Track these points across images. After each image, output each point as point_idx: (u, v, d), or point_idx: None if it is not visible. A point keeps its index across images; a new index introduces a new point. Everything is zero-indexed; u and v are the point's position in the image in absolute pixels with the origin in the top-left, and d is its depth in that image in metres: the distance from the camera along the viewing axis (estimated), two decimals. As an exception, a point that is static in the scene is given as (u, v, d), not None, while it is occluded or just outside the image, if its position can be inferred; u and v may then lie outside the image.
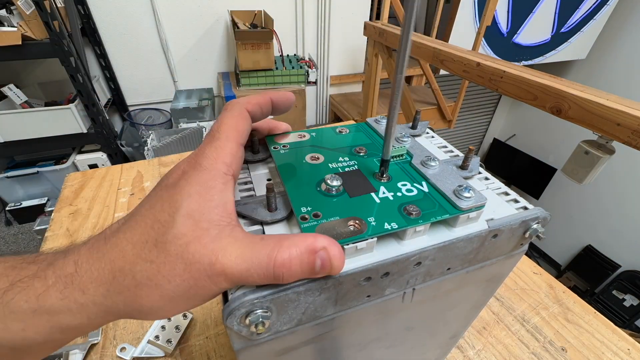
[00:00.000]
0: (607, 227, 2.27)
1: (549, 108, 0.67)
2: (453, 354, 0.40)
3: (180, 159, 0.72)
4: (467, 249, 0.20)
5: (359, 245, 0.17)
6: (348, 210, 0.19)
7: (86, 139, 1.48)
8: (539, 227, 0.21)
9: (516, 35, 1.81)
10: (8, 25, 1.17)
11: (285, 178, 0.21)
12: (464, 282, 0.23)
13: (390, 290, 0.19)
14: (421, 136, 0.29)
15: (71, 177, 0.66)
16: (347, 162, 0.23)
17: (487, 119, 3.02)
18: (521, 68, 0.75)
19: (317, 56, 1.99)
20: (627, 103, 0.58)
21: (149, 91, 1.80)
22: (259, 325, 0.15)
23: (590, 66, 2.24)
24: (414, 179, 0.22)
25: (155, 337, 0.38)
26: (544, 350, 0.41)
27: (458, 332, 0.33)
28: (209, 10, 1.67)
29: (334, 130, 0.27)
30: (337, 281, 0.16)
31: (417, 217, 0.18)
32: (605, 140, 0.64)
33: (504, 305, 0.46)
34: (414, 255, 0.18)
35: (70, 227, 0.54)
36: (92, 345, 0.38)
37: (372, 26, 1.24)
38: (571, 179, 0.72)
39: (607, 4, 1.89)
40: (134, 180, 0.65)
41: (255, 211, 0.19)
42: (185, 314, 0.41)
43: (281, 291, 0.15)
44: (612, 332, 0.44)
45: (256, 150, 0.25)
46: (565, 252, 2.55)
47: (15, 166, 1.58)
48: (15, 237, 1.65)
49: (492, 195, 0.23)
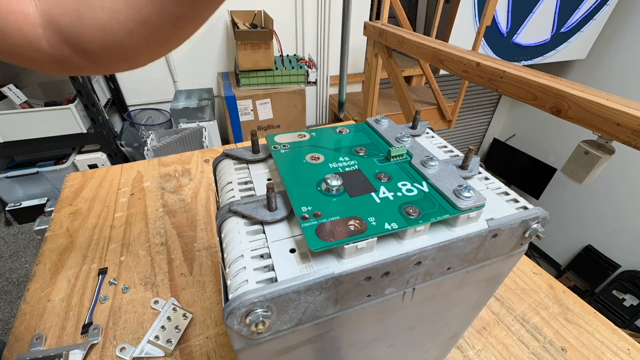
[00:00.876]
0: (607, 227, 2.27)
1: (548, 108, 0.67)
2: (453, 354, 0.40)
3: (180, 159, 0.72)
4: (467, 249, 0.20)
5: (359, 245, 0.17)
6: (348, 210, 0.19)
7: (86, 139, 1.48)
8: (539, 227, 0.21)
9: (516, 35, 1.81)
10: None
11: (286, 178, 0.21)
12: (464, 282, 0.23)
13: (390, 289, 0.19)
14: (421, 136, 0.29)
15: (71, 177, 0.66)
16: (347, 162, 0.23)
17: (487, 119, 3.02)
18: (521, 68, 0.75)
19: (317, 56, 1.99)
20: (626, 103, 0.58)
21: (148, 91, 1.80)
22: (259, 325, 0.15)
23: (590, 66, 2.24)
24: (414, 179, 0.22)
25: (155, 337, 0.38)
26: (544, 351, 0.41)
27: (458, 332, 0.33)
28: (208, 11, 1.66)
29: (334, 130, 0.27)
30: (337, 280, 0.16)
31: (417, 217, 0.18)
32: (605, 140, 0.64)
33: (504, 305, 0.46)
34: (414, 255, 0.18)
35: (70, 227, 0.54)
36: (92, 345, 0.38)
37: (372, 26, 1.24)
38: (571, 179, 0.72)
39: (607, 4, 1.89)
40: (134, 180, 0.65)
41: (255, 211, 0.19)
42: (185, 314, 0.41)
43: (281, 291, 0.15)
44: (612, 332, 0.44)
45: (256, 150, 0.25)
46: (565, 252, 2.55)
47: (15, 166, 1.58)
48: (15, 237, 1.65)
49: (492, 195, 0.23)
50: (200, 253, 0.50)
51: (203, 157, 0.73)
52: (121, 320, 0.41)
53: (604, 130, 0.59)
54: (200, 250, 0.51)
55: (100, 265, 0.48)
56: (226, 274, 0.18)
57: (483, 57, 0.83)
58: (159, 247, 0.51)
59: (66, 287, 0.45)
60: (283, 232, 0.19)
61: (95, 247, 0.51)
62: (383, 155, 0.24)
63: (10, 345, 0.38)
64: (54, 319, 0.41)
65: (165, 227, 0.55)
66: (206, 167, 0.70)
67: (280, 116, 1.64)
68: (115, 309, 0.42)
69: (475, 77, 0.82)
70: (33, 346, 0.38)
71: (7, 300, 1.39)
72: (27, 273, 1.50)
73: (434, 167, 0.22)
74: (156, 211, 0.58)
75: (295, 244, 0.18)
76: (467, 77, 0.84)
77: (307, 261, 0.17)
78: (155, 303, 0.43)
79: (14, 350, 0.38)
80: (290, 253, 0.18)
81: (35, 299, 0.43)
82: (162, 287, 0.45)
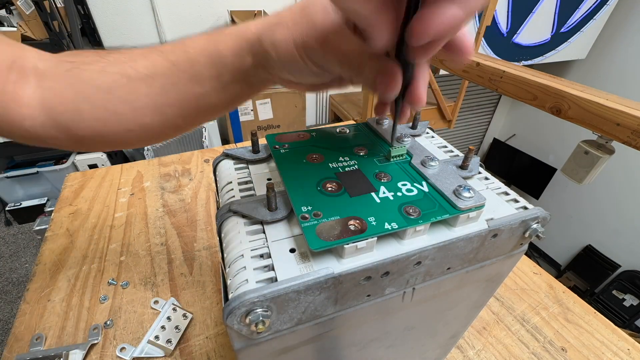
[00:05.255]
0: (607, 227, 2.27)
1: (548, 108, 0.67)
2: (453, 354, 0.40)
3: (180, 159, 0.72)
4: (467, 249, 0.20)
5: (359, 244, 0.17)
6: (348, 210, 0.19)
7: (86, 139, 1.48)
8: (539, 227, 0.21)
9: (516, 35, 1.81)
10: (8, 25, 1.17)
11: (286, 178, 0.21)
12: (464, 282, 0.23)
13: (390, 289, 0.19)
14: (421, 136, 0.29)
15: (71, 177, 0.66)
16: (347, 162, 0.23)
17: (487, 119, 3.01)
18: (521, 68, 0.75)
19: (317, 56, 1.99)
20: (626, 103, 0.58)
21: (149, 91, 1.80)
22: (259, 325, 0.15)
23: (590, 66, 2.24)
24: (414, 179, 0.22)
25: (155, 337, 0.38)
26: (544, 351, 0.41)
27: (458, 332, 0.33)
28: (209, 10, 1.67)
29: (334, 130, 0.27)
30: (337, 280, 0.17)
31: (417, 217, 0.19)
32: (605, 140, 0.64)
33: (504, 305, 0.46)
34: (414, 255, 0.18)
35: (70, 227, 0.54)
36: (92, 345, 0.38)
37: (372, 26, 1.24)
38: (571, 179, 0.72)
39: (607, 4, 1.89)
40: (134, 180, 0.65)
41: (255, 210, 0.19)
42: (185, 314, 0.41)
43: (281, 290, 0.15)
44: (612, 332, 0.44)
45: (256, 150, 0.25)
46: (565, 252, 2.55)
47: (15, 166, 1.58)
48: (15, 237, 1.65)
49: (492, 195, 0.23)
50: (200, 253, 0.50)
51: (203, 157, 0.73)
52: (121, 320, 0.41)
53: (603, 130, 0.59)
54: (200, 250, 0.51)
55: (100, 265, 0.48)
56: (226, 273, 0.18)
57: (483, 57, 0.83)
58: (159, 247, 0.51)
59: (66, 287, 0.45)
60: (283, 232, 0.19)
61: (95, 247, 0.51)
62: (383, 155, 0.24)
63: (10, 345, 0.38)
64: (54, 319, 0.41)
65: (165, 227, 0.55)
66: (206, 167, 0.70)
67: (280, 116, 1.64)
68: (115, 309, 0.42)
69: (475, 77, 0.82)
70: (33, 346, 0.38)
71: (7, 300, 1.39)
72: (27, 273, 1.50)
73: (434, 167, 0.23)
74: (156, 211, 0.58)
75: (295, 243, 0.18)
76: (467, 77, 0.84)
77: (307, 261, 0.17)
78: (155, 303, 0.43)
79: (14, 350, 0.38)
80: (290, 253, 0.18)
81: (35, 299, 0.43)
82: (162, 287, 0.45)
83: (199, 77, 0.22)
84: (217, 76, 0.22)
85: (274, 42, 0.19)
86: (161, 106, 0.23)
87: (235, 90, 0.23)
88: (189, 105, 0.23)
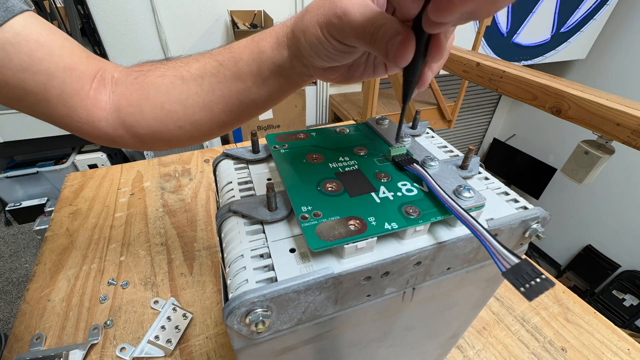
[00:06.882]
0: (607, 227, 2.27)
1: (548, 108, 0.67)
2: (453, 354, 0.40)
3: (180, 159, 0.72)
4: (466, 249, 0.20)
5: (359, 244, 0.17)
6: (348, 210, 0.19)
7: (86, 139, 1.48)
8: (539, 227, 0.21)
9: (516, 35, 1.81)
10: (8, 25, 1.17)
11: (286, 177, 0.21)
12: (464, 282, 0.23)
13: (390, 289, 0.19)
14: (421, 136, 0.29)
15: (71, 177, 0.66)
16: (347, 162, 0.23)
17: (487, 119, 3.01)
18: (521, 68, 0.75)
19: (317, 56, 1.98)
20: (626, 103, 0.58)
21: (148, 91, 1.80)
22: (259, 324, 0.15)
23: (590, 66, 2.24)
24: (414, 179, 0.22)
25: (155, 337, 0.38)
26: (544, 351, 0.41)
27: (458, 332, 0.33)
28: (208, 10, 1.67)
29: (334, 130, 0.27)
30: (337, 280, 0.17)
31: (417, 217, 0.18)
32: (605, 140, 0.64)
33: (504, 305, 0.46)
34: (413, 255, 0.18)
35: (70, 227, 0.54)
36: (92, 345, 0.38)
37: (372, 26, 1.24)
38: (571, 179, 0.72)
39: (607, 4, 1.89)
40: (134, 180, 0.65)
41: (255, 210, 0.19)
42: (185, 314, 0.41)
43: (281, 290, 0.15)
44: (612, 332, 0.44)
45: (256, 150, 0.25)
46: (565, 252, 2.55)
47: (15, 166, 1.58)
48: (15, 237, 1.65)
49: (491, 195, 0.23)
50: (200, 253, 0.50)
51: (203, 157, 0.73)
52: (121, 320, 0.41)
53: (603, 130, 0.59)
54: (200, 250, 0.51)
55: (100, 265, 0.48)
56: (226, 273, 0.18)
57: (483, 57, 0.83)
58: (159, 247, 0.51)
59: (66, 287, 0.45)
60: (283, 232, 0.19)
61: (95, 247, 0.51)
62: (383, 155, 0.24)
63: (10, 345, 0.38)
64: (54, 319, 0.41)
65: (165, 227, 0.55)
66: (206, 167, 0.70)
67: (280, 116, 1.64)
68: (115, 309, 0.42)
69: (475, 77, 0.82)
70: (33, 346, 0.38)
71: (7, 300, 1.39)
72: (27, 273, 1.50)
73: (434, 167, 0.23)
74: (156, 211, 0.58)
75: (295, 243, 0.18)
76: (467, 77, 0.84)
77: (307, 261, 0.17)
78: (155, 303, 0.43)
79: (14, 350, 0.38)
80: (290, 253, 0.18)
81: (35, 299, 0.43)
82: (162, 287, 0.45)
83: (242, 73, 0.25)
84: (257, 71, 0.24)
85: (302, 28, 0.21)
86: (209, 103, 0.26)
87: (274, 84, 0.25)
88: (232, 101, 0.26)
